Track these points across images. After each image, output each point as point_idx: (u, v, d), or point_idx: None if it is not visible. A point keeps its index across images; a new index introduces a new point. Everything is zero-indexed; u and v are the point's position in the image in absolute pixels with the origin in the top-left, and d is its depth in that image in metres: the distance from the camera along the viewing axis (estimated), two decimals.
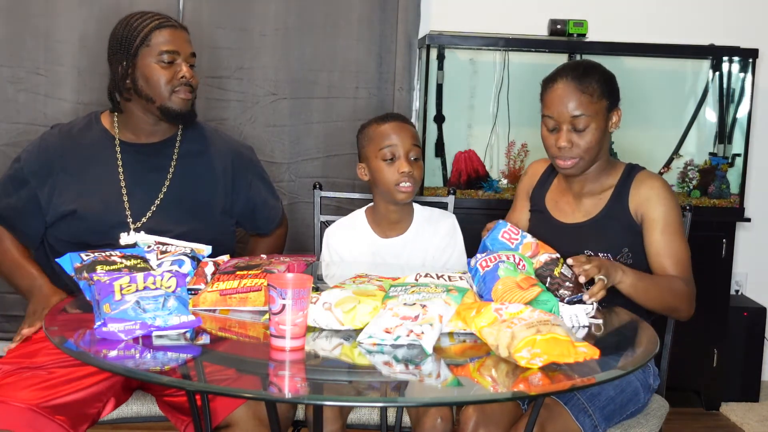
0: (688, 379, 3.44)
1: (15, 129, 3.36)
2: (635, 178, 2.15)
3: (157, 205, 2.25)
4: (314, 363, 1.59)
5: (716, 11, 3.68)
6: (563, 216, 2.21)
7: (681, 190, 3.51)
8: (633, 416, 2.07)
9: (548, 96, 2.10)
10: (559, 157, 2.11)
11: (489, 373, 1.57)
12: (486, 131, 3.54)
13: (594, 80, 2.08)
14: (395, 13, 3.45)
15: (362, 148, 2.36)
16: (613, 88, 2.14)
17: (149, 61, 2.19)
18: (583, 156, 2.09)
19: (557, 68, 2.15)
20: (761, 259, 3.80)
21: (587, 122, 2.06)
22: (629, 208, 2.12)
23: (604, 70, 2.15)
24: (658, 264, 2.09)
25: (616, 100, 2.14)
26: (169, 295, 1.67)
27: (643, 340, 1.78)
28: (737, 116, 3.53)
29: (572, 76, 2.08)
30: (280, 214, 2.55)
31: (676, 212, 2.10)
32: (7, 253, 2.24)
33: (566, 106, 2.06)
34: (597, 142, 2.08)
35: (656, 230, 2.08)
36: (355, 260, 2.36)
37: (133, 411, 2.09)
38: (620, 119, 2.15)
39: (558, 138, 2.09)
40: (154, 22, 2.22)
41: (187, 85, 2.22)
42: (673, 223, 2.09)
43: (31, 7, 3.33)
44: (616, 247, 2.11)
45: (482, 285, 1.86)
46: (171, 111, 2.22)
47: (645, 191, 2.12)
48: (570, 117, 2.06)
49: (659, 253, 2.08)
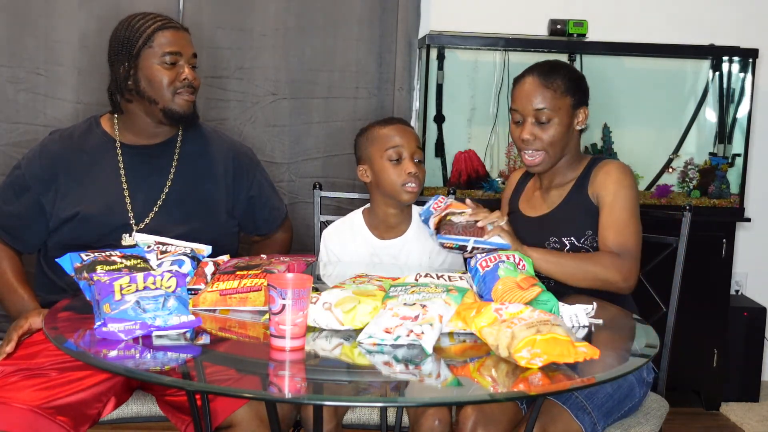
0: (688, 379, 3.44)
1: (15, 129, 3.36)
2: (596, 165, 2.23)
3: (159, 206, 2.25)
4: (314, 363, 1.59)
5: (716, 11, 3.68)
6: (531, 211, 2.30)
7: (681, 190, 3.51)
8: (630, 412, 2.08)
9: (515, 91, 2.23)
10: (524, 150, 2.21)
11: (489, 373, 1.57)
12: (486, 131, 3.54)
13: (559, 77, 2.19)
14: (395, 13, 3.44)
15: (364, 150, 2.36)
16: (580, 87, 2.24)
17: (152, 62, 2.19)
18: (546, 149, 2.19)
19: (528, 67, 2.25)
20: (761, 259, 3.80)
21: (549, 116, 2.17)
22: (588, 192, 2.19)
23: (571, 70, 2.27)
24: (601, 237, 2.14)
25: (582, 99, 2.23)
26: (169, 295, 1.67)
27: (642, 340, 1.78)
28: (737, 116, 3.53)
29: (538, 73, 2.20)
30: (282, 216, 2.55)
31: (628, 191, 2.16)
32: (2, 277, 2.22)
33: (530, 100, 2.18)
34: (560, 136, 2.19)
35: (605, 206, 2.15)
36: (353, 261, 2.37)
37: (133, 411, 2.09)
38: (587, 118, 2.24)
39: (522, 131, 2.18)
40: (156, 23, 2.21)
41: (189, 86, 2.23)
42: (623, 199, 2.14)
43: (31, 7, 3.33)
44: (579, 231, 2.17)
45: (482, 285, 1.86)
46: (174, 113, 2.22)
47: (602, 175, 2.20)
48: (533, 110, 2.17)
49: (603, 225, 2.15)
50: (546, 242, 2.18)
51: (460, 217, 2.07)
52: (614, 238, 2.11)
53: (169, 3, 3.35)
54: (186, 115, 2.24)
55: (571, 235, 2.17)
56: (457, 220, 2.06)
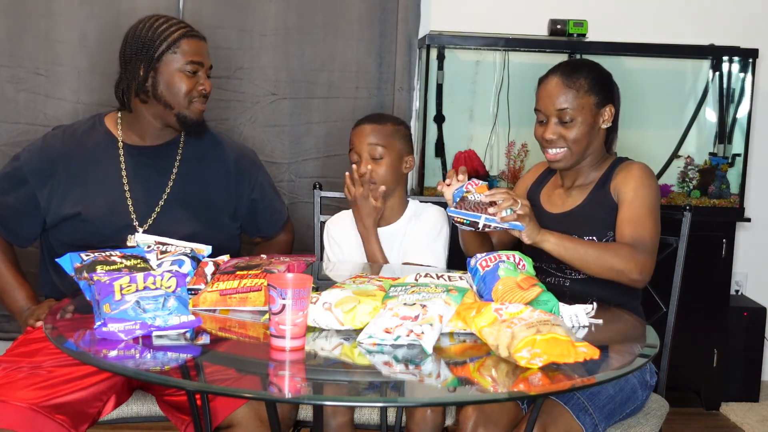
0: (688, 379, 3.44)
1: (15, 129, 3.36)
2: (619, 165, 2.22)
3: (161, 207, 2.25)
4: (314, 363, 1.59)
5: (716, 11, 3.68)
6: (553, 207, 2.28)
7: (681, 190, 3.51)
8: (632, 414, 2.08)
9: (539, 91, 2.23)
10: (548, 148, 2.21)
11: (489, 373, 1.57)
12: (486, 131, 3.54)
13: (582, 76, 2.18)
14: (395, 13, 3.45)
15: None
16: (605, 85, 2.22)
17: (174, 68, 2.20)
18: (570, 147, 2.18)
19: (553, 66, 2.24)
20: (761, 259, 3.80)
21: (573, 115, 2.16)
22: (610, 191, 2.19)
23: (596, 68, 2.24)
24: (618, 231, 2.13)
25: (607, 98, 2.21)
26: (169, 295, 1.67)
27: (643, 340, 1.78)
28: (737, 116, 3.53)
29: (561, 72, 2.19)
30: (284, 218, 2.55)
31: (648, 191, 2.15)
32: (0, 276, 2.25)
33: (553, 100, 2.18)
34: (584, 135, 2.18)
35: (625, 203, 2.14)
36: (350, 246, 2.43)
37: (133, 411, 2.10)
38: (612, 116, 2.22)
39: (545, 130, 2.19)
40: (181, 30, 2.22)
41: (204, 96, 2.25)
42: (642, 197, 2.14)
43: (31, 7, 3.33)
44: (601, 231, 2.16)
45: (482, 285, 1.86)
46: (187, 120, 2.24)
47: (623, 174, 2.19)
48: (556, 110, 2.17)
49: (621, 220, 2.14)
50: None
51: (477, 196, 2.03)
52: (631, 232, 2.10)
53: (169, 3, 3.36)
54: (197, 122, 2.26)
55: (592, 234, 2.15)
56: (472, 198, 2.03)
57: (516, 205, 2.00)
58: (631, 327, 1.90)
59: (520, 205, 2.00)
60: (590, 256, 2.07)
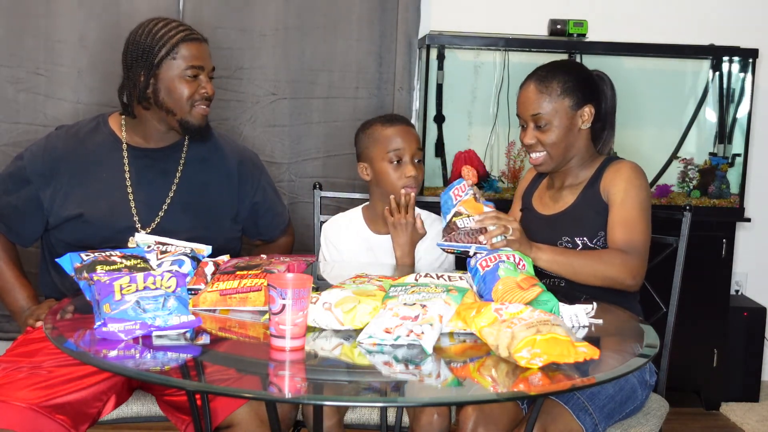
0: (688, 379, 3.44)
1: (15, 129, 3.36)
2: (608, 165, 2.23)
3: (164, 210, 2.24)
4: (314, 363, 1.59)
5: (716, 11, 3.69)
6: (545, 209, 2.30)
7: (681, 190, 3.51)
8: (632, 414, 2.08)
9: (518, 97, 2.26)
10: (529, 152, 2.25)
11: (489, 373, 1.57)
12: (486, 131, 3.54)
13: (556, 80, 2.20)
14: (395, 13, 3.45)
15: (365, 148, 2.36)
16: (583, 86, 2.22)
17: (174, 74, 2.18)
18: (548, 151, 2.21)
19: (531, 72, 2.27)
20: (761, 259, 3.80)
21: (547, 119, 2.19)
22: (600, 192, 2.19)
23: (574, 70, 2.25)
24: (609, 234, 2.14)
25: (586, 98, 2.21)
26: (169, 295, 1.67)
27: (643, 340, 1.78)
28: (737, 116, 3.53)
29: (536, 78, 2.23)
30: (285, 221, 2.55)
31: (638, 191, 2.15)
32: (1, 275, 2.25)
33: (527, 106, 2.21)
34: (561, 138, 2.20)
35: (615, 204, 2.15)
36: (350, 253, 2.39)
37: (133, 411, 2.10)
38: (592, 116, 2.22)
39: (525, 135, 2.23)
40: (179, 34, 2.19)
41: (206, 99, 2.22)
42: (633, 197, 2.14)
43: (31, 7, 3.33)
44: (592, 232, 2.17)
45: (482, 285, 1.86)
46: (190, 125, 2.22)
47: (612, 173, 2.19)
48: (530, 116, 2.21)
49: (612, 222, 2.14)
50: (558, 241, 2.17)
51: (467, 222, 2.01)
52: (622, 236, 2.11)
53: (169, 3, 3.36)
54: (201, 127, 2.24)
55: (584, 235, 2.16)
56: (462, 225, 2.00)
57: (507, 232, 1.99)
58: (630, 327, 1.90)
59: (511, 231, 1.99)
60: (583, 268, 2.08)
